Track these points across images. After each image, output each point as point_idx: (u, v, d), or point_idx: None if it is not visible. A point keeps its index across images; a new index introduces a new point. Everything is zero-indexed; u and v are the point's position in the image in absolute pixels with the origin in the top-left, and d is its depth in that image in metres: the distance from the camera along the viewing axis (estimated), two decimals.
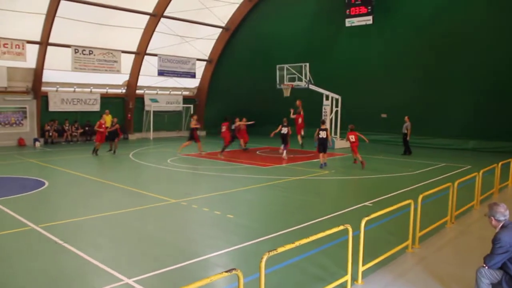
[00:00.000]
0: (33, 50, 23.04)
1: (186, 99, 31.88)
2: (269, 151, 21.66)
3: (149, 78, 28.91)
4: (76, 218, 9.13)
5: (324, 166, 16.23)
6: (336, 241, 7.23)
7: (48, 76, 24.35)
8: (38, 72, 23.64)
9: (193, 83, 32.51)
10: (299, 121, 21.16)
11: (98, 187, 12.82)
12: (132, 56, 27.51)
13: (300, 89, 22.11)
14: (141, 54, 27.39)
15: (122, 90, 28.56)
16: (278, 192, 12.34)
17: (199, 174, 15.51)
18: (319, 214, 9.56)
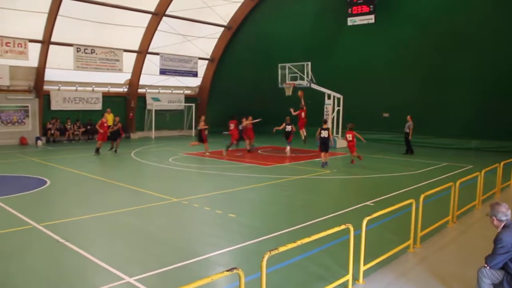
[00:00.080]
0: (35, 49, 23.03)
1: (188, 98, 31.86)
2: (271, 150, 21.66)
3: (151, 77, 28.91)
4: (77, 216, 9.15)
5: (325, 165, 16.22)
6: (337, 240, 7.23)
7: (50, 75, 24.37)
8: (40, 71, 23.68)
9: (195, 82, 32.49)
10: (302, 115, 21.13)
11: (99, 186, 12.84)
12: (134, 55, 27.52)
13: (301, 88, 22.07)
14: (143, 53, 27.41)
15: (124, 89, 28.58)
16: (279, 191, 12.34)
17: (201, 173, 15.51)
18: (321, 213, 9.56)
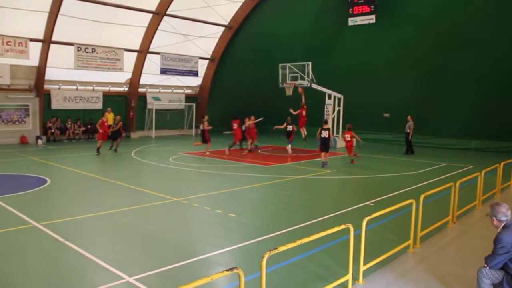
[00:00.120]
0: (36, 48, 23.04)
1: (189, 98, 31.86)
2: (271, 150, 21.66)
3: (151, 76, 28.93)
4: (77, 216, 9.15)
5: (325, 165, 16.23)
6: (337, 240, 7.23)
7: (50, 74, 24.39)
8: (41, 70, 23.69)
9: (195, 82, 32.49)
10: (303, 114, 21.19)
11: (99, 185, 12.84)
12: (134, 54, 27.53)
13: (302, 88, 22.06)
14: (143, 52, 27.41)
15: (125, 88, 28.59)
16: (280, 191, 12.35)
17: (201, 172, 15.50)
18: (321, 213, 9.56)
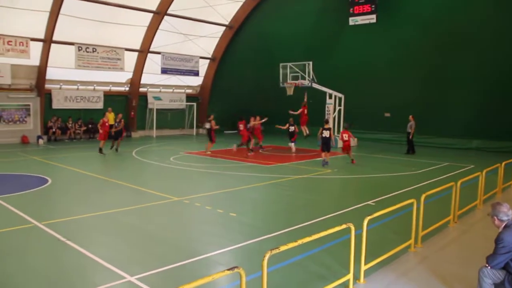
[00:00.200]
0: (37, 48, 23.07)
1: (189, 97, 31.88)
2: (271, 150, 21.65)
3: (152, 76, 28.94)
4: (78, 215, 9.15)
5: (325, 164, 16.25)
6: (338, 239, 7.22)
7: (51, 73, 24.42)
8: (41, 69, 23.71)
9: (196, 81, 32.50)
10: (305, 112, 21.40)
11: (100, 185, 12.86)
12: (135, 54, 27.54)
13: (303, 87, 22.08)
14: (144, 52, 27.42)
15: (126, 88, 28.60)
16: (281, 190, 12.35)
17: (202, 172, 15.50)
18: (322, 212, 9.56)
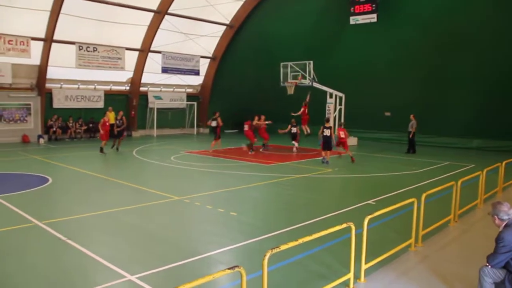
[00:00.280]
0: (37, 47, 23.08)
1: (190, 97, 31.88)
2: (272, 149, 21.64)
3: (153, 75, 28.93)
4: (79, 214, 9.16)
5: (325, 162, 16.25)
6: (339, 239, 7.22)
7: (52, 73, 24.43)
8: (42, 68, 23.72)
9: (197, 81, 32.50)
10: (306, 111, 21.52)
11: (101, 184, 12.87)
12: (136, 53, 27.54)
13: (303, 86, 22.09)
14: (145, 51, 27.42)
15: (126, 87, 28.60)
16: (281, 189, 12.35)
17: (203, 171, 15.51)
18: (322, 212, 9.56)
